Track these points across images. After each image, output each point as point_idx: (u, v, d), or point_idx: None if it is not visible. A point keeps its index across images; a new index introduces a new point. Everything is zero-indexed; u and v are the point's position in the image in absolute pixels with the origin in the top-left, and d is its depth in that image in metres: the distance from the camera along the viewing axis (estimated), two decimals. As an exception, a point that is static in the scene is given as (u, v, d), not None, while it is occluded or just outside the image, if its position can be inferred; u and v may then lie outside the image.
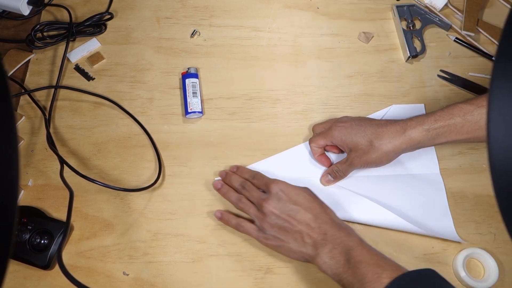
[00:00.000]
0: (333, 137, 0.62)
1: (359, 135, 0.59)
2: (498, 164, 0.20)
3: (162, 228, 0.62)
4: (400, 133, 0.58)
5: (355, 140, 0.60)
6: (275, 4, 0.81)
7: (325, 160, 0.65)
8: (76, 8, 0.80)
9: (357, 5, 0.82)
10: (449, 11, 0.81)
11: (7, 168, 0.24)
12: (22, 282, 0.58)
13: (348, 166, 0.62)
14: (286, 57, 0.76)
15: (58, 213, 0.63)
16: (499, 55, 0.20)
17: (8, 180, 0.23)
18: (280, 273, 0.60)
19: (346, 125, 0.61)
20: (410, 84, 0.74)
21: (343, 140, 0.61)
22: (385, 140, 0.58)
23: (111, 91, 0.72)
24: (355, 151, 0.60)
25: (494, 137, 0.20)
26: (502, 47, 0.19)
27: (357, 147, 0.60)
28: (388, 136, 0.58)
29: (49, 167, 0.66)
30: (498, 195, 0.20)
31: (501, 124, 0.19)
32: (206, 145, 0.68)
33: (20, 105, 0.71)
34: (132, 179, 0.66)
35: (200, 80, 0.73)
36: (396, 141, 0.58)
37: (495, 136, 0.20)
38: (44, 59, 0.75)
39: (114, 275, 0.59)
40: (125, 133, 0.69)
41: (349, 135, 0.60)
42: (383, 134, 0.58)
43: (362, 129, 0.60)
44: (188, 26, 0.79)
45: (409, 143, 0.58)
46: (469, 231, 0.62)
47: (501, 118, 0.19)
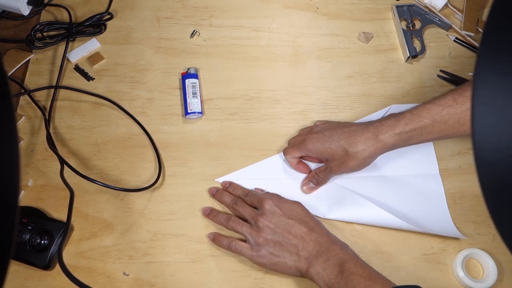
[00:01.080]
0: (307, 149, 0.62)
1: (333, 145, 0.59)
2: (483, 158, 0.20)
3: (162, 229, 0.62)
4: (372, 139, 0.58)
5: (330, 151, 0.60)
6: (275, 4, 0.81)
7: (303, 167, 0.65)
8: (76, 8, 0.80)
9: (357, 5, 0.82)
10: (449, 11, 0.81)
11: (8, 168, 0.24)
12: (22, 283, 0.58)
13: (328, 173, 0.62)
14: (286, 57, 0.76)
15: (58, 213, 0.63)
16: (483, 47, 0.19)
17: (9, 180, 0.23)
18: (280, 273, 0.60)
19: (318, 137, 0.61)
20: (410, 84, 0.74)
21: (318, 152, 0.61)
22: (360, 147, 0.58)
23: (111, 91, 0.72)
24: (332, 160, 0.60)
25: (479, 132, 0.19)
26: (486, 39, 0.19)
27: (333, 157, 0.60)
28: (361, 144, 0.58)
29: (49, 167, 0.66)
30: (484, 191, 0.20)
31: (485, 119, 0.19)
32: (206, 145, 0.68)
33: (20, 105, 0.71)
34: (132, 179, 0.66)
35: (200, 81, 0.73)
36: (370, 148, 0.58)
37: (480, 131, 0.19)
38: (44, 59, 0.75)
39: (114, 275, 0.59)
40: (125, 134, 0.69)
41: (323, 147, 0.60)
42: (356, 142, 0.58)
43: (335, 139, 0.60)
44: (188, 26, 0.79)
45: (383, 147, 0.58)
46: (468, 231, 0.62)
47: (486, 110, 0.19)
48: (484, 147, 0.19)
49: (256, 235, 0.56)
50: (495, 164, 0.19)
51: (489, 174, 0.20)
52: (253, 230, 0.57)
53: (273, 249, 0.55)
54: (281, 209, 0.57)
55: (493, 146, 0.19)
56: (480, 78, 0.19)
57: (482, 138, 0.19)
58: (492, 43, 0.19)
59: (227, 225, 0.59)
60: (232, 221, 0.59)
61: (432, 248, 0.61)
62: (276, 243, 0.55)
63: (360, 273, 0.50)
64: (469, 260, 0.60)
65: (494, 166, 0.19)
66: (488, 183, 0.20)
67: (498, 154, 0.19)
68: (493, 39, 0.19)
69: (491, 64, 0.19)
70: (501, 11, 0.18)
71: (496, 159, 0.19)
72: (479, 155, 0.20)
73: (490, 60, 0.19)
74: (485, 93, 0.19)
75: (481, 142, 0.19)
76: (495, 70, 0.19)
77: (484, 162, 0.20)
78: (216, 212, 0.61)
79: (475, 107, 0.19)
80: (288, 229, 0.55)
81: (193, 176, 0.66)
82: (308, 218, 0.57)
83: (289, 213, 0.57)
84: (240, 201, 0.61)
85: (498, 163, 0.19)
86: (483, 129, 0.19)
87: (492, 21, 0.19)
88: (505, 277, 0.59)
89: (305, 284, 0.59)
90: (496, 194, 0.20)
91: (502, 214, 0.20)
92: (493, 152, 0.19)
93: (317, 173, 0.63)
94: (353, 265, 0.51)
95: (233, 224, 0.58)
